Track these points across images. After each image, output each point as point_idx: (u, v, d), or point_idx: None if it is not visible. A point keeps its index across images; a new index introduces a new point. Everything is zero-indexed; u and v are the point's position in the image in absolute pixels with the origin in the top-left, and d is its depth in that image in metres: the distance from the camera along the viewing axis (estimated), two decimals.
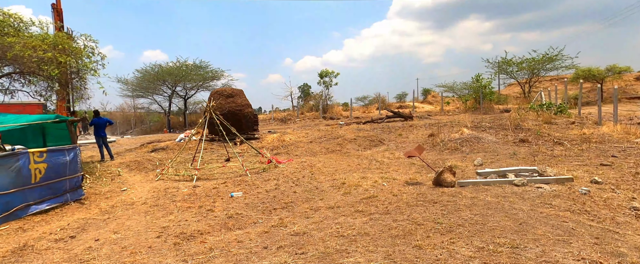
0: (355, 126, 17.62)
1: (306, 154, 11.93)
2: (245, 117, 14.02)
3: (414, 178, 7.27)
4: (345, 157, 10.68)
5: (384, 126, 16.85)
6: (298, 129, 18.63)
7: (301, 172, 8.69)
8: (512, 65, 24.88)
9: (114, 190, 8.00)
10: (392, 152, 11.30)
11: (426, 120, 18.82)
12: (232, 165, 10.02)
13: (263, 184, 7.76)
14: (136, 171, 10.49)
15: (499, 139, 10.71)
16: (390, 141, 13.75)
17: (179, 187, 7.92)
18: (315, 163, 9.73)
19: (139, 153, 12.54)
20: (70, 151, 6.69)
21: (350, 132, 15.14)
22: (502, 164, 7.61)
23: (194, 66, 29.95)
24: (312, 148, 12.63)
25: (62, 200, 6.53)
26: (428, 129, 15.19)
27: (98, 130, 11.14)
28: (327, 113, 25.66)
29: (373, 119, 19.27)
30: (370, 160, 9.97)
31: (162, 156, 12.12)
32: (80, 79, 10.14)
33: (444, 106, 24.02)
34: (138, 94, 32.49)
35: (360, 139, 13.79)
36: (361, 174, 8.07)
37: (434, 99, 47.97)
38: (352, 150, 12.47)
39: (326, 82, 26.82)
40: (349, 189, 6.72)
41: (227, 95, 13.97)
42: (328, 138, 14.07)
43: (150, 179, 9.11)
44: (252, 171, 9.17)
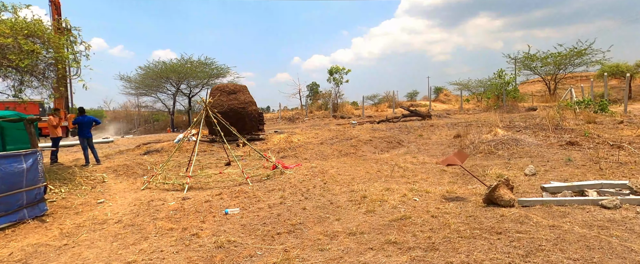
0: (369, 126, 16.20)
1: (316, 158, 10.57)
2: (249, 115, 12.71)
3: (451, 191, 5.86)
4: (362, 162, 9.29)
5: (400, 125, 15.40)
6: (307, 128, 17.28)
7: (311, 181, 7.34)
8: (536, 60, 23.15)
9: (89, 202, 6.74)
10: (415, 155, 9.87)
11: (445, 119, 17.32)
12: (231, 171, 8.70)
13: (266, 196, 6.42)
14: (124, 176, 9.24)
15: (541, 142, 9.21)
16: (410, 142, 12.31)
17: (166, 199, 6.62)
18: (327, 169, 8.37)
19: (130, 156, 11.30)
20: (28, 157, 5.43)
21: (364, 132, 13.74)
22: (562, 173, 6.15)
23: (198, 63, 28.78)
24: (323, 151, 11.26)
25: (16, 218, 5.27)
26: (451, 129, 13.71)
27: (82, 130, 9.89)
28: (337, 112, 24.27)
29: (388, 118, 17.84)
30: (391, 166, 8.56)
31: (156, 159, 10.86)
32: (59, 72, 8.90)
33: (462, 104, 22.43)
34: (141, 92, 31.49)
35: (376, 140, 12.39)
36: (384, 184, 6.68)
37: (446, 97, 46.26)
38: (368, 153, 11.08)
39: (336, 80, 25.38)
40: (373, 206, 5.34)
41: (229, 91, 12.67)
42: (340, 139, 12.70)
43: (137, 188, 7.84)
44: (254, 179, 7.84)
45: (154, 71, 28.43)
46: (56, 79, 9.31)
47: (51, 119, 9.83)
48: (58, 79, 9.41)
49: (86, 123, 9.91)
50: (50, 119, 9.83)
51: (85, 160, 9.92)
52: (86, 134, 9.92)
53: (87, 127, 9.93)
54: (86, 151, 9.92)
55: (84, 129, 9.88)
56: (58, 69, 8.95)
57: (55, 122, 9.86)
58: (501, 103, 19.88)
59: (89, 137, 9.99)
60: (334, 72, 25.33)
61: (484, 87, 40.13)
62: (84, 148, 9.88)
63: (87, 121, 9.92)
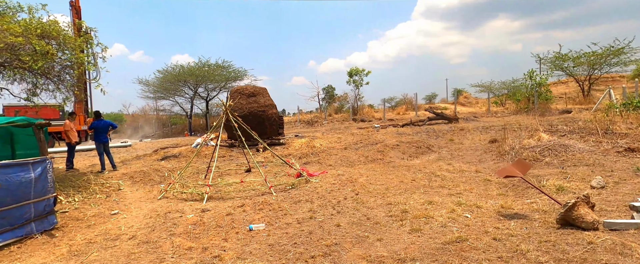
0: (393, 130, 15.43)
1: (342, 164, 9.90)
2: (269, 119, 12.16)
3: (507, 206, 5.09)
4: (392, 169, 8.57)
5: (427, 129, 14.58)
6: (328, 132, 16.64)
7: (341, 191, 6.67)
8: (568, 60, 21.89)
9: (103, 213, 6.26)
10: (449, 162, 9.09)
11: (474, 122, 16.38)
12: (252, 179, 8.12)
13: (293, 208, 5.79)
14: (140, 183, 8.79)
15: (593, 147, 8.30)
16: (440, 147, 11.51)
17: (184, 210, 6.08)
18: (356, 177, 7.69)
19: (147, 161, 10.90)
20: (36, 165, 4.96)
21: (389, 136, 13.00)
22: (637, 186, 5.30)
23: (216, 66, 28.57)
24: (348, 156, 10.59)
25: (22, 233, 4.80)
26: (484, 133, 12.82)
27: (98, 134, 9.50)
28: (357, 115, 23.55)
29: (412, 121, 17.03)
30: (426, 174, 7.82)
31: (173, 165, 10.41)
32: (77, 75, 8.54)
33: (490, 107, 21.37)
34: (159, 96, 31.50)
35: (403, 145, 11.63)
36: (424, 196, 5.96)
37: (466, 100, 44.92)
38: (396, 159, 10.35)
39: (356, 82, 24.67)
40: (418, 223, 4.64)
41: (248, 94, 12.16)
42: (365, 144, 12.00)
43: (153, 197, 7.35)
44: (278, 188, 7.24)
45: (171, 75, 28.36)
46: (72, 82, 8.96)
47: (67, 124, 9.51)
48: (75, 83, 9.07)
49: (102, 127, 9.52)
50: (66, 123, 9.50)
51: (101, 166, 9.53)
52: (102, 139, 9.54)
53: (103, 131, 9.55)
54: (102, 156, 9.53)
55: (100, 134, 9.50)
56: (75, 72, 8.60)
57: (72, 127, 9.53)
58: (532, 105, 18.77)
59: (105, 142, 9.61)
60: (353, 74, 24.62)
61: (508, 89, 38.70)
62: (100, 154, 9.50)
63: (103, 125, 9.54)
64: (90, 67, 8.12)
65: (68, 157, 9.58)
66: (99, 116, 9.71)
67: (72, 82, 8.92)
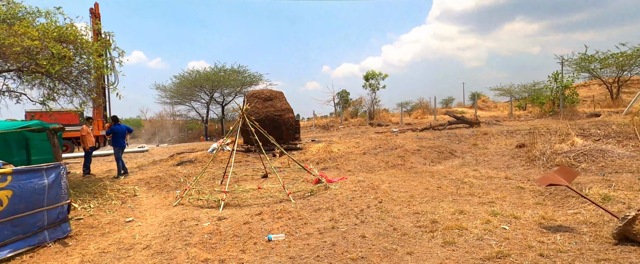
0: (413, 134, 14.99)
1: (361, 170, 9.55)
2: (285, 123, 11.91)
3: (548, 217, 4.66)
4: (415, 176, 8.17)
5: (448, 133, 14.08)
6: (344, 137, 16.31)
7: (362, 198, 6.33)
8: (594, 61, 20.98)
9: (117, 220, 6.08)
10: (475, 168, 8.63)
11: (496, 127, 15.78)
12: (269, 186, 7.86)
13: (313, 217, 5.48)
14: (156, 189, 8.64)
15: (634, 153, 7.72)
16: (464, 152, 11.03)
17: (200, 218, 5.85)
18: (377, 183, 7.33)
19: (163, 166, 10.78)
20: (50, 172, 4.81)
21: (409, 141, 12.58)
22: None
23: (231, 71, 28.66)
24: (367, 162, 10.23)
25: (35, 242, 4.63)
26: (509, 137, 12.27)
27: (118, 139, 9.45)
28: (373, 119, 23.12)
29: (432, 125, 16.53)
30: (452, 181, 7.40)
31: (189, 170, 10.25)
32: (94, 79, 8.49)
33: (512, 111, 20.64)
34: (176, 101, 31.81)
35: (425, 150, 11.20)
36: (453, 205, 5.56)
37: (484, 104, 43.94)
38: (418, 164, 9.93)
39: (372, 85, 24.27)
40: (451, 236, 4.26)
41: (264, 98, 11.96)
42: (384, 149, 11.62)
43: (169, 203, 7.16)
44: (296, 195, 6.94)
45: (188, 80, 28.59)
46: (90, 87, 8.92)
47: (84, 129, 9.47)
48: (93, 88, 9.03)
49: (121, 132, 9.47)
50: (83, 128, 9.47)
51: (118, 171, 9.45)
52: (121, 143, 9.48)
53: (122, 136, 9.50)
54: (120, 162, 9.47)
55: (120, 138, 9.45)
56: (92, 76, 8.55)
57: (88, 132, 9.49)
58: (557, 109, 18.01)
59: (124, 146, 9.55)
60: (369, 77, 24.24)
61: (529, 93, 37.58)
62: (117, 159, 9.43)
63: (121, 129, 9.49)
64: (107, 71, 8.04)
65: (85, 162, 9.54)
66: (117, 120, 9.66)
67: (89, 87, 8.88)
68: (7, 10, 7.68)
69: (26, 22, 6.79)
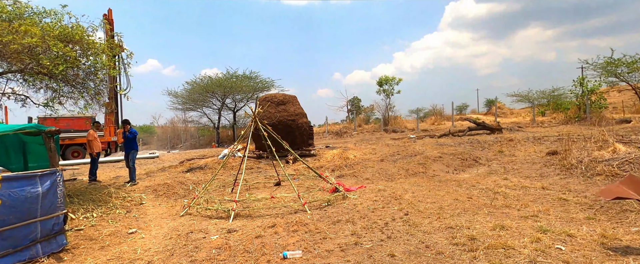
0: (431, 140, 14.32)
1: (380, 178, 8.96)
2: (299, 129, 11.41)
3: (611, 236, 4.00)
4: (440, 185, 7.54)
5: (469, 140, 13.37)
6: (359, 143, 15.72)
7: (385, 210, 5.74)
8: (621, 65, 19.99)
9: (120, 232, 5.62)
10: (505, 177, 7.95)
11: (520, 133, 14.99)
12: (283, 195, 7.32)
13: (332, 230, 4.92)
14: (163, 197, 8.20)
15: None
16: (489, 160, 10.33)
17: (208, 230, 5.35)
18: (399, 193, 6.73)
19: (172, 173, 10.36)
20: (45, 178, 4.37)
21: (429, 147, 11.92)
22: None
23: (243, 77, 28.43)
24: (386, 169, 9.63)
25: (26, 257, 4.18)
26: (537, 144, 11.51)
27: (131, 143, 9.15)
28: (388, 125, 22.48)
29: (451, 131, 15.83)
30: (483, 191, 6.76)
31: (199, 177, 9.80)
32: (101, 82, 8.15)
33: (535, 117, 19.75)
34: (188, 107, 31.69)
35: (447, 157, 10.54)
36: (491, 219, 4.94)
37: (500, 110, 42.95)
38: (441, 172, 9.29)
39: (386, 91, 23.67)
40: (496, 257, 3.65)
41: (277, 102, 11.50)
42: (403, 155, 10.99)
43: (176, 213, 6.69)
44: (312, 205, 6.40)
45: (200, 86, 28.45)
46: (97, 90, 8.58)
47: (91, 134, 9.13)
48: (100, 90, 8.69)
49: (131, 137, 9.15)
50: (90, 133, 9.13)
51: (130, 177, 9.06)
52: (134, 146, 9.18)
53: (133, 140, 9.18)
54: (133, 169, 9.12)
55: (132, 143, 9.14)
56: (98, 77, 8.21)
57: (95, 137, 9.14)
58: (583, 114, 17.10)
59: (136, 150, 9.24)
60: (383, 82, 23.64)
61: (547, 99, 36.42)
62: (131, 165, 9.10)
63: (132, 134, 9.17)
64: (114, 71, 7.67)
65: (91, 169, 9.17)
66: (128, 124, 9.33)
67: (96, 90, 8.54)
68: (12, 10, 7.41)
69: (29, 20, 6.48)
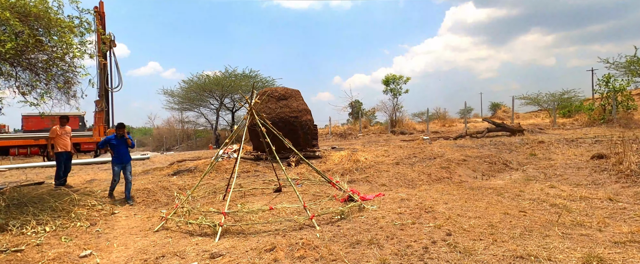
0: (448, 142, 13.00)
1: (399, 184, 7.64)
2: (302, 127, 10.09)
3: None
4: (475, 193, 6.21)
5: (491, 141, 12.05)
6: (368, 145, 14.40)
7: (418, 227, 4.41)
8: None
9: (70, 254, 4.28)
10: (552, 185, 6.62)
11: (544, 135, 13.68)
12: (285, 205, 5.97)
13: (352, 258, 3.59)
14: (142, 205, 6.87)
15: None
16: (521, 164, 9.01)
17: (185, 253, 4.02)
18: (429, 203, 5.40)
19: (156, 176, 9.02)
20: None
21: (449, 150, 10.60)
22: None
23: (242, 76, 27.16)
24: (403, 173, 8.30)
25: None
26: (572, 146, 10.18)
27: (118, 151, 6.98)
28: (395, 127, 21.16)
29: (467, 132, 14.52)
30: (534, 202, 5.43)
31: (186, 181, 8.47)
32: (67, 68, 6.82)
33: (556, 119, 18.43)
34: (185, 107, 30.40)
35: (472, 160, 9.21)
36: (569, 243, 3.61)
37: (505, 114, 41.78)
38: (468, 178, 7.97)
39: (394, 90, 22.34)
40: None
41: (278, 96, 10.19)
42: (420, 158, 9.66)
43: (151, 226, 5.35)
44: (322, 218, 5.06)
45: (197, 84, 27.16)
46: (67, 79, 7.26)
47: (54, 131, 7.76)
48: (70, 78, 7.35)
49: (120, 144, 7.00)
50: (52, 130, 7.77)
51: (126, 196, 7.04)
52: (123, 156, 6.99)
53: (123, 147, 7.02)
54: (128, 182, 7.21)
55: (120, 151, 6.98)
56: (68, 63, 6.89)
57: (59, 133, 7.78)
58: (610, 116, 15.79)
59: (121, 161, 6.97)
60: (390, 81, 22.30)
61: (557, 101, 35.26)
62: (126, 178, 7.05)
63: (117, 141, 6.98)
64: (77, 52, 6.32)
65: (57, 171, 7.79)
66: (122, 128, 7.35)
67: (66, 78, 7.21)
68: None
69: None
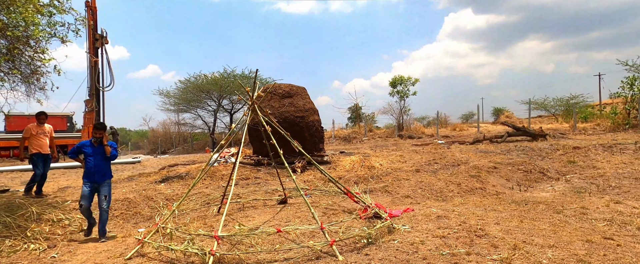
0: (467, 147, 11.87)
1: (425, 195, 6.50)
2: (309, 128, 8.95)
3: None
4: (521, 209, 5.08)
5: (517, 146, 10.93)
6: (376, 149, 13.26)
7: (477, 259, 3.27)
8: None
9: None
10: (616, 200, 5.48)
11: (568, 140, 12.58)
12: (295, 228, 4.79)
13: None
14: (119, 219, 5.69)
15: None
16: (562, 173, 7.90)
17: None
18: (475, 223, 4.25)
19: (141, 183, 7.83)
20: None
21: (472, 155, 9.48)
22: None
23: (241, 76, 25.99)
24: (428, 183, 7.15)
25: None
26: (614, 152, 9.06)
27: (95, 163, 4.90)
28: (403, 131, 20.05)
29: (485, 137, 13.42)
30: (612, 223, 4.29)
31: (175, 189, 7.29)
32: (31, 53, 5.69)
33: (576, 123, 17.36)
34: (181, 109, 29.19)
35: (503, 167, 8.09)
36: None
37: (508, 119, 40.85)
38: (504, 188, 6.85)
39: (401, 92, 21.24)
40: None
41: (282, 94, 9.05)
42: (443, 165, 8.53)
43: (124, 250, 4.18)
44: (344, 243, 3.90)
45: (194, 85, 25.97)
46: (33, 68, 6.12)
47: (30, 129, 6.62)
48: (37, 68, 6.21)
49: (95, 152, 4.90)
50: (28, 128, 6.63)
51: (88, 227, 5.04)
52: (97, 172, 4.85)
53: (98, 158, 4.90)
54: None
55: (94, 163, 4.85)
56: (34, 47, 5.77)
57: (35, 132, 6.63)
58: (635, 121, 14.73)
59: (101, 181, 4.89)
60: (397, 83, 21.20)
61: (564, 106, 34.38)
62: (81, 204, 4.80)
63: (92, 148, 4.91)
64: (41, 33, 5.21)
65: (32, 177, 6.61)
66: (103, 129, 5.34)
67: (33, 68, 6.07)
68: None
69: None
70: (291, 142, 5.25)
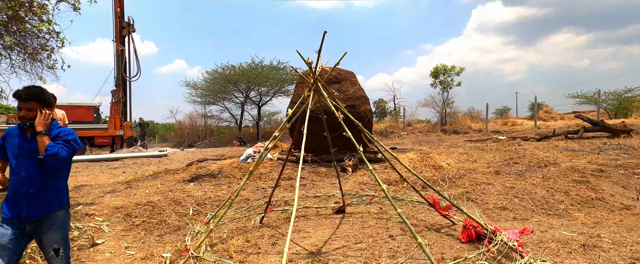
0: (540, 144, 10.14)
1: (526, 206, 4.99)
2: (361, 120, 7.53)
3: None
4: None
5: (606, 144, 9.13)
6: (425, 144, 11.69)
7: None
8: None
9: None
10: None
11: None
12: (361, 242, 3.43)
13: None
14: (140, 229, 4.51)
15: None
16: None
17: None
18: None
19: (168, 182, 6.67)
20: None
21: (561, 155, 7.82)
22: None
23: (270, 67, 24.84)
24: (521, 189, 5.61)
25: None
26: None
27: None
28: (446, 125, 18.29)
29: (556, 132, 11.61)
30: None
31: (207, 190, 6.07)
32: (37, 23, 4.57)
33: None
34: (208, 101, 28.43)
35: (612, 171, 6.42)
36: None
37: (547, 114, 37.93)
38: (625, 199, 5.23)
39: (444, 83, 19.43)
40: None
41: (329, 79, 7.69)
42: (526, 166, 6.93)
43: None
44: None
45: (221, 76, 25.02)
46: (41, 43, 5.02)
47: None
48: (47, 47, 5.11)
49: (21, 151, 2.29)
50: None
51: None
52: (27, 200, 2.23)
53: (31, 160, 2.27)
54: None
55: (27, 173, 2.26)
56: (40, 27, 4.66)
57: None
58: None
59: (39, 215, 2.27)
60: (439, 73, 19.37)
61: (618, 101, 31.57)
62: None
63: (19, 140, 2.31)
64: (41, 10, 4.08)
65: None
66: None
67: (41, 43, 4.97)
68: None
69: None
70: (365, 133, 3.91)
